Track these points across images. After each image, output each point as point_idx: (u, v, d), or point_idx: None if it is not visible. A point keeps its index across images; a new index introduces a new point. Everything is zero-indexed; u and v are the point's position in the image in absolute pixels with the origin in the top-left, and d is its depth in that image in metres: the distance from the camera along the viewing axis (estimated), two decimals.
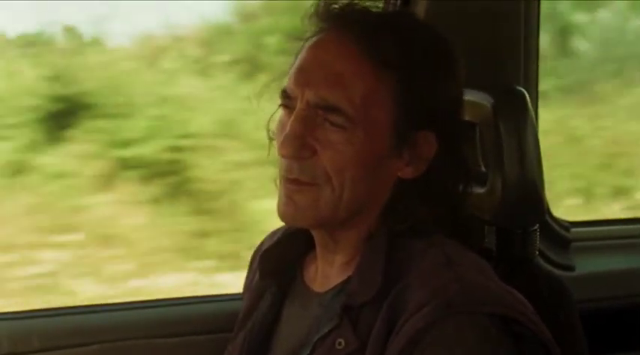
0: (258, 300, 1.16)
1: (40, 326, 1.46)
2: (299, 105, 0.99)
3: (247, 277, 1.24)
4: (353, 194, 0.98)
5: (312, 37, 1.02)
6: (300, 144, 0.98)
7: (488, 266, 1.01)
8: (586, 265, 1.77)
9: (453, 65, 1.04)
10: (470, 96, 1.21)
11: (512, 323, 0.93)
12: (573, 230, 1.81)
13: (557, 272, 1.69)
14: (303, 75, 1.00)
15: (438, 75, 1.01)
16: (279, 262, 1.13)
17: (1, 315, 1.48)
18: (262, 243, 1.21)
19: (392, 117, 0.98)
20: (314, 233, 1.06)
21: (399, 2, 1.49)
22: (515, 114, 1.20)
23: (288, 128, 0.98)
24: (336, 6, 1.02)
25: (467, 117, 1.21)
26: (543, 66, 1.65)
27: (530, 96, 1.23)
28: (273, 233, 1.19)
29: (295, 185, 0.99)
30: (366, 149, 0.97)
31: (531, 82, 1.62)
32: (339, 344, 0.96)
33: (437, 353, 0.89)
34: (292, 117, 0.99)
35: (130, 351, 1.47)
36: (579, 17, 3.47)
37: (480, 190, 1.20)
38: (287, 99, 1.01)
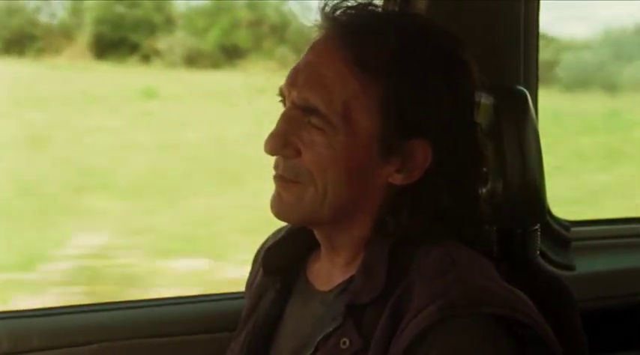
0: (260, 298, 1.16)
1: (40, 325, 1.46)
2: (287, 104, 1.01)
3: (250, 275, 1.24)
4: (336, 195, 0.98)
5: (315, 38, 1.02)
6: (283, 142, 0.98)
7: (491, 267, 1.00)
8: (586, 265, 1.78)
9: (457, 71, 1.00)
10: None
11: (515, 324, 0.92)
12: (573, 230, 1.81)
13: (557, 271, 1.69)
14: (293, 75, 1.00)
15: (433, 83, 0.97)
16: (283, 259, 1.13)
17: (1, 314, 1.48)
18: (266, 241, 1.21)
19: (378, 125, 0.97)
20: (314, 231, 1.07)
21: (399, 1, 1.49)
22: (517, 115, 1.20)
23: (275, 126, 1.00)
24: (334, 7, 1.01)
25: None
26: None
27: (530, 96, 1.23)
28: (278, 231, 1.19)
29: (282, 182, 1.01)
30: (349, 153, 0.97)
31: (531, 82, 1.62)
32: (344, 343, 0.95)
33: (440, 354, 0.89)
34: (280, 116, 1.00)
35: (130, 351, 1.47)
36: None
37: (480, 190, 1.20)
38: (281, 98, 1.02)
